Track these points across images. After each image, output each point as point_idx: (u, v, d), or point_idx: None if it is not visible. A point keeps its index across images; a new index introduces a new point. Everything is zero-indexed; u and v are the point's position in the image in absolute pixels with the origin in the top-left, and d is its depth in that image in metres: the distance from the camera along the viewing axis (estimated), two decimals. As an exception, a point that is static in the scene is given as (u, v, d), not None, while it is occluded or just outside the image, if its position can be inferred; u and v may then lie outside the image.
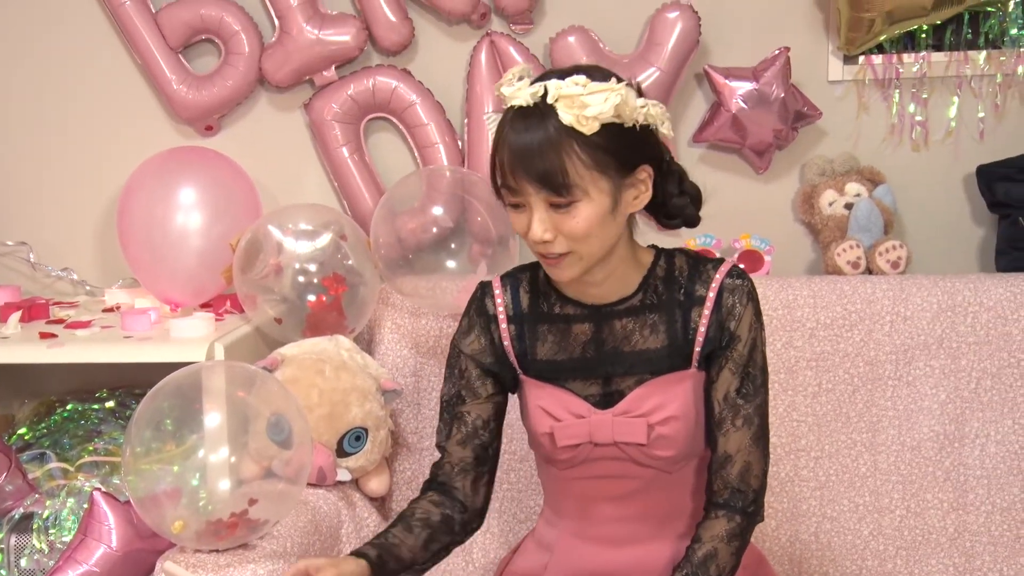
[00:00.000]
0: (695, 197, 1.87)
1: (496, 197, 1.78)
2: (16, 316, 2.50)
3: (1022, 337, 2.48)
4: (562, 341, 1.85)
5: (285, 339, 2.47)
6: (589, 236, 1.71)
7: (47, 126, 2.92)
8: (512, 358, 1.89)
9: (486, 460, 1.91)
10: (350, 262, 2.48)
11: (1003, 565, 2.42)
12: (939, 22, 2.68)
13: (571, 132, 1.67)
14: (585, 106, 1.66)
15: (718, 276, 1.82)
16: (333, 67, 2.78)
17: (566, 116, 1.67)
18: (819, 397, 2.51)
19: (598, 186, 1.70)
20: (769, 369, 2.47)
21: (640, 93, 1.76)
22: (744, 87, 2.67)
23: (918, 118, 2.77)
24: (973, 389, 2.49)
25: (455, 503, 1.90)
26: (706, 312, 1.81)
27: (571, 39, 2.70)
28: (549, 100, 1.68)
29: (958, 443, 2.49)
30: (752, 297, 1.82)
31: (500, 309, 1.89)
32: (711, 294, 1.81)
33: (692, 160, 2.81)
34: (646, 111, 1.72)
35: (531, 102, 1.69)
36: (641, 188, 1.76)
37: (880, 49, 2.73)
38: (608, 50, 2.73)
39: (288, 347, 2.40)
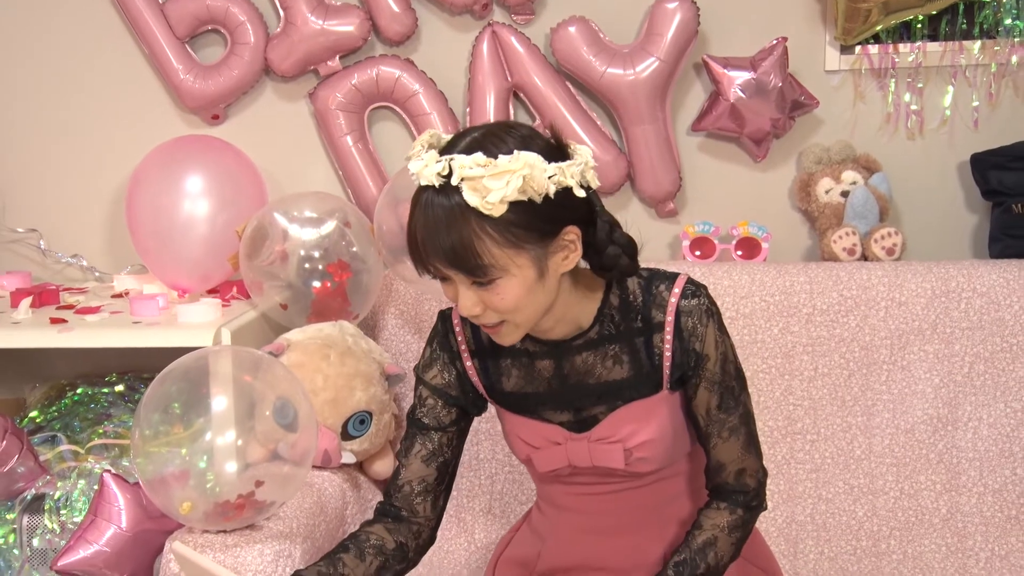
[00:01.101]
0: (628, 247, 1.72)
1: (419, 274, 1.66)
2: (27, 302, 2.51)
3: (1014, 322, 2.49)
4: (527, 375, 1.79)
5: (291, 324, 2.48)
6: (518, 308, 1.63)
7: (57, 116, 2.92)
8: (481, 390, 1.84)
9: (445, 477, 1.86)
10: (354, 249, 2.48)
11: (994, 545, 2.42)
12: (934, 12, 2.68)
13: (479, 213, 1.55)
14: (488, 190, 1.54)
15: (672, 299, 1.73)
16: (337, 57, 2.78)
17: (472, 199, 1.55)
18: (815, 381, 2.52)
19: (516, 262, 1.59)
20: (765, 354, 2.51)
21: (558, 147, 1.64)
22: (742, 77, 2.66)
23: (913, 107, 2.77)
24: (966, 373, 2.50)
25: (411, 528, 1.83)
26: (667, 338, 1.73)
27: (571, 29, 2.70)
28: (454, 181, 1.55)
29: (951, 426, 2.49)
30: (711, 313, 1.74)
31: (463, 346, 1.83)
32: (669, 318, 1.72)
33: (691, 149, 2.81)
34: (557, 179, 1.58)
35: (437, 183, 1.57)
36: (570, 248, 1.64)
37: (876, 39, 2.73)
38: (608, 40, 2.72)
39: (293, 332, 2.41)
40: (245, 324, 2.43)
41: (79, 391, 2.76)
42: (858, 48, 2.74)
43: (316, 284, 2.44)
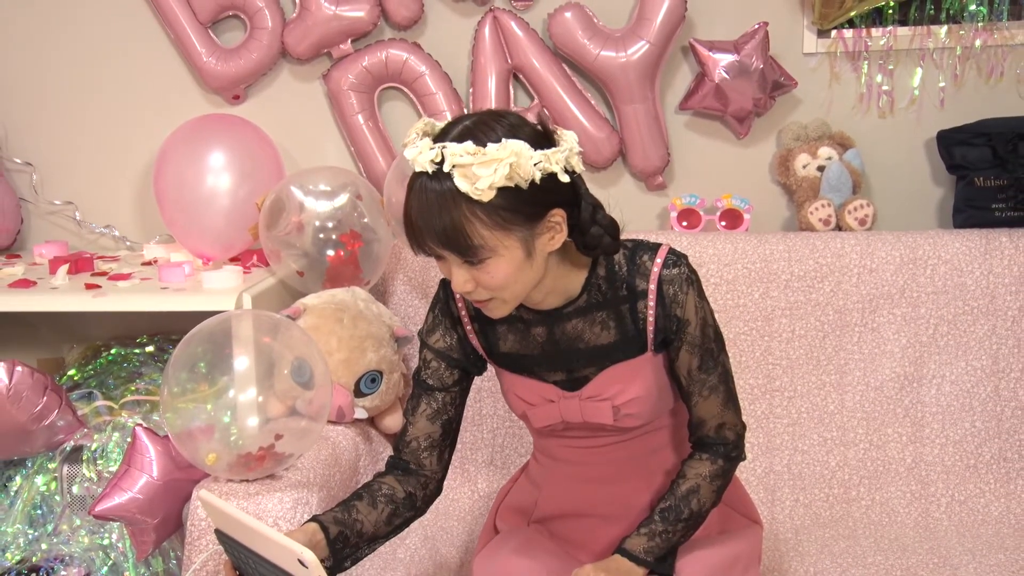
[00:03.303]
0: (610, 228, 1.71)
1: (415, 253, 1.66)
2: (64, 269, 2.51)
3: (976, 287, 2.49)
4: (522, 339, 1.80)
5: (306, 290, 2.48)
6: (507, 286, 1.63)
7: (89, 97, 2.92)
8: (481, 351, 1.86)
9: (450, 433, 1.87)
10: (365, 220, 2.48)
11: (955, 491, 2.44)
12: (904, -1, 2.69)
13: (469, 198, 1.55)
14: (477, 177, 1.54)
15: (655, 269, 1.73)
16: (349, 41, 2.77)
17: (462, 184, 1.55)
18: (792, 342, 2.53)
19: (505, 244, 1.59)
20: (747, 317, 2.52)
21: (545, 134, 1.63)
22: (726, 59, 2.66)
23: (884, 87, 2.76)
24: (931, 334, 2.51)
25: (419, 480, 1.85)
26: (651, 304, 1.73)
27: (567, 15, 2.69)
28: (445, 168, 1.56)
29: (917, 383, 2.51)
30: (691, 281, 1.74)
31: (463, 311, 1.83)
32: (652, 286, 1.73)
33: (678, 126, 2.81)
34: (543, 165, 1.58)
35: (430, 170, 1.57)
36: (555, 230, 1.64)
37: (851, 24, 2.72)
38: (602, 25, 2.72)
39: (309, 297, 2.41)
40: (264, 290, 2.43)
41: (113, 351, 2.77)
42: (833, 32, 2.73)
43: (330, 253, 2.45)
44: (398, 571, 2.21)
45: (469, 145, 1.56)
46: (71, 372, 2.73)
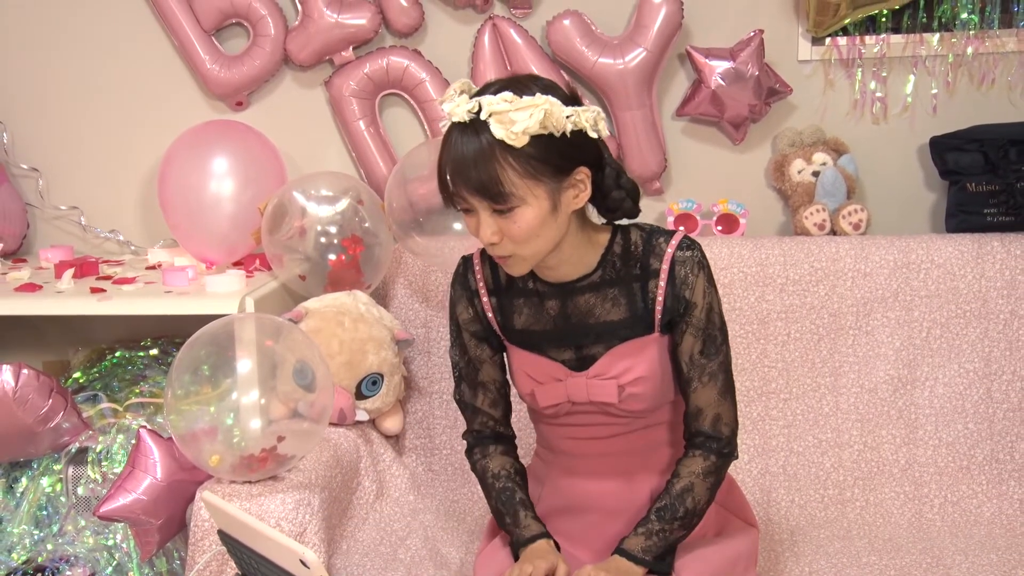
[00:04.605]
0: (632, 191, 1.79)
1: (445, 205, 1.73)
2: (69, 273, 2.51)
3: (968, 291, 2.49)
4: (536, 313, 1.84)
5: (308, 294, 2.48)
6: (531, 238, 1.68)
7: (95, 104, 2.92)
8: (496, 327, 1.89)
9: (509, 405, 1.96)
10: (367, 224, 2.48)
11: (947, 492, 2.43)
12: (897, 7, 2.67)
13: (504, 145, 1.62)
14: (513, 122, 1.62)
15: (669, 250, 1.77)
16: (351, 48, 2.77)
17: (498, 131, 1.62)
18: (788, 345, 2.52)
19: (534, 192, 1.65)
20: (743, 320, 2.52)
21: (574, 99, 1.71)
22: (722, 66, 2.66)
23: (878, 94, 2.76)
24: (924, 338, 2.50)
25: (509, 443, 1.96)
26: (661, 284, 1.77)
27: (566, 22, 2.69)
28: (483, 116, 1.63)
29: (910, 386, 2.50)
30: (702, 265, 1.78)
31: (481, 284, 1.88)
32: (664, 266, 1.77)
33: (675, 132, 2.81)
34: (574, 119, 1.66)
35: (467, 118, 1.65)
36: (580, 188, 1.71)
37: (845, 31, 2.72)
38: (600, 32, 2.72)
39: (311, 301, 2.41)
40: (267, 293, 2.43)
41: (117, 354, 2.76)
42: (828, 40, 2.73)
43: (332, 257, 2.45)
44: (399, 571, 2.21)
45: (507, 94, 1.64)
46: (76, 375, 2.73)
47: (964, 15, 2.67)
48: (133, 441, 2.21)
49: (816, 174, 2.70)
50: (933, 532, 2.36)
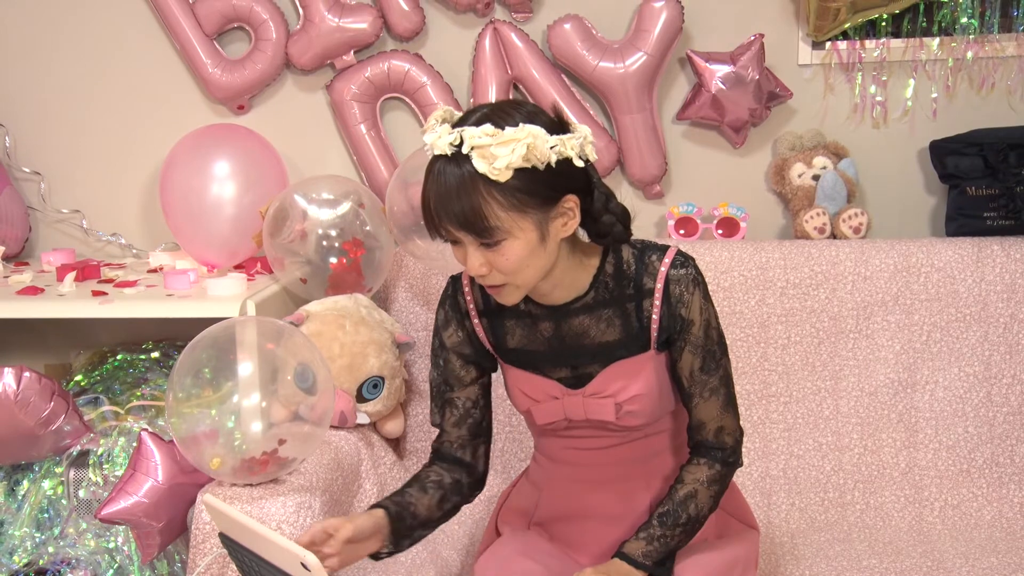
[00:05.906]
0: (622, 216, 1.73)
1: (432, 237, 1.66)
2: (71, 276, 2.51)
3: (968, 294, 2.49)
4: (529, 335, 1.80)
5: (310, 297, 2.48)
6: (521, 269, 1.64)
7: (97, 107, 2.92)
8: (488, 347, 1.85)
9: (481, 433, 1.88)
10: (368, 228, 2.48)
11: (948, 495, 2.43)
12: (897, 11, 2.67)
13: (487, 179, 1.57)
14: (495, 157, 1.56)
15: (663, 268, 1.73)
16: (352, 52, 2.77)
17: (480, 165, 1.56)
18: (788, 349, 2.52)
19: (520, 225, 1.60)
20: (743, 324, 2.52)
21: (560, 124, 1.64)
22: (723, 70, 2.66)
23: (878, 98, 2.76)
24: (924, 341, 2.50)
25: (462, 468, 1.87)
26: (656, 303, 1.73)
27: (567, 26, 2.69)
28: (464, 150, 1.57)
29: (910, 389, 2.50)
30: (697, 282, 1.74)
31: (471, 305, 1.83)
32: (659, 285, 1.73)
33: (676, 136, 2.81)
34: (559, 149, 1.59)
35: (449, 152, 1.58)
36: (569, 216, 1.65)
37: (845, 36, 2.72)
38: (600, 36, 2.72)
39: (312, 304, 2.41)
40: (268, 297, 2.43)
41: (119, 357, 2.76)
42: (828, 44, 2.73)
43: (333, 260, 2.45)
44: (399, 574, 2.21)
45: (488, 127, 1.57)
46: (78, 378, 2.73)
47: (964, 19, 2.67)
48: (134, 444, 2.21)
49: (816, 178, 2.70)
50: (933, 535, 2.36)
